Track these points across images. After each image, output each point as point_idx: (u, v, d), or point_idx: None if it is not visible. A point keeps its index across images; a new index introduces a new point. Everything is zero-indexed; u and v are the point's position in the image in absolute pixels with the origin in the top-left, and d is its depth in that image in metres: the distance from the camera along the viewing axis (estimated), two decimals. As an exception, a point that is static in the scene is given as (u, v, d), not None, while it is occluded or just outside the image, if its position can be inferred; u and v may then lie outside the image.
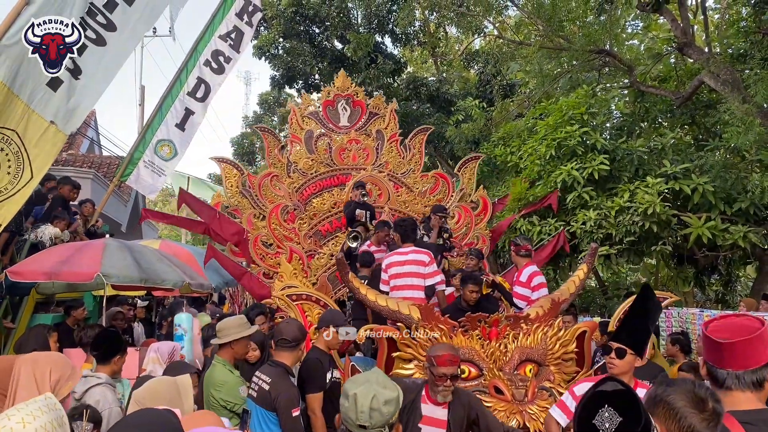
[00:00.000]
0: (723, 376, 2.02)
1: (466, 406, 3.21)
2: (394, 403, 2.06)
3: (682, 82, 11.29)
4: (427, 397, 3.22)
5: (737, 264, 10.58)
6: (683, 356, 5.51)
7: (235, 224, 8.26)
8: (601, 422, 1.52)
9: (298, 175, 8.79)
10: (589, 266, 5.22)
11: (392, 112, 9.59)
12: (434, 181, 9.14)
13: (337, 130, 9.38)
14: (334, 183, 8.73)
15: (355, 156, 8.94)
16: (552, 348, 4.22)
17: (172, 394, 2.72)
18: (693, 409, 1.77)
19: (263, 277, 7.42)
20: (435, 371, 3.13)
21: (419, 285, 5.69)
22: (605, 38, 11.32)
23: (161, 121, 8.61)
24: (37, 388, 2.62)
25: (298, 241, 7.80)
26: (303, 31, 18.77)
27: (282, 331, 3.78)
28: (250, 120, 27.14)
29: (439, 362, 3.11)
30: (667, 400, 1.79)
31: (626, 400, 1.56)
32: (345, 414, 2.06)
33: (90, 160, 16.28)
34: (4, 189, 5.15)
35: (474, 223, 8.50)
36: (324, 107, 9.47)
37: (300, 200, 8.52)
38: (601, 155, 8.92)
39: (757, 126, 7.90)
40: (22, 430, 1.79)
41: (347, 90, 9.57)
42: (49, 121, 5.45)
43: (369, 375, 2.18)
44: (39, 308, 7.01)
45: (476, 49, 20.14)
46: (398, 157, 9.20)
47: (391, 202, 8.40)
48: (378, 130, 9.48)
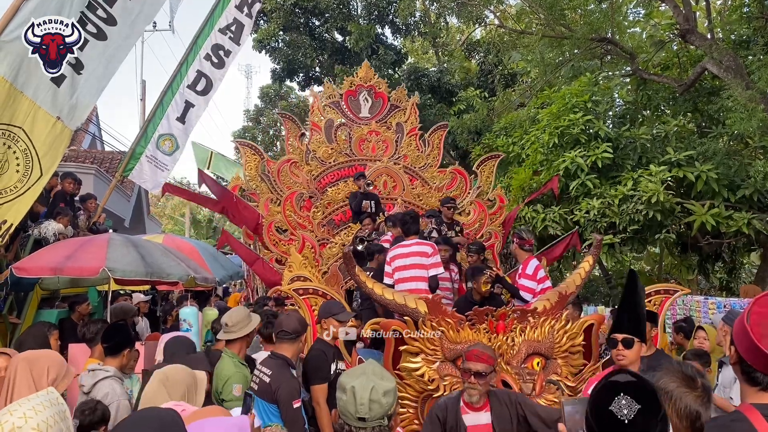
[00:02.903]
0: (759, 378, 1.88)
1: (509, 404, 3.16)
2: (392, 393, 2.05)
3: (685, 69, 11.23)
4: (466, 406, 3.17)
5: (741, 251, 10.57)
6: (687, 343, 5.51)
7: (251, 209, 8.27)
8: (619, 409, 1.50)
9: (317, 163, 8.85)
10: (595, 258, 5.19)
11: (413, 106, 9.62)
12: (451, 177, 9.18)
13: (358, 121, 9.40)
14: (351, 173, 8.76)
15: (375, 147, 9.00)
16: (559, 341, 4.20)
17: (189, 384, 2.77)
18: (685, 388, 1.77)
19: (275, 263, 7.42)
20: (462, 366, 3.16)
21: (422, 276, 5.67)
22: (607, 26, 11.24)
23: (162, 116, 8.60)
24: (35, 386, 2.63)
25: (311, 229, 7.82)
26: (303, 23, 18.72)
27: (282, 323, 3.79)
28: (252, 113, 27.10)
29: (468, 357, 3.14)
30: (659, 385, 1.79)
31: (641, 390, 1.54)
32: (343, 408, 2.04)
33: (92, 155, 16.29)
34: (14, 187, 5.15)
35: (488, 220, 8.51)
36: (345, 97, 9.49)
37: (317, 188, 8.57)
38: (604, 143, 8.90)
39: (761, 112, 7.86)
40: (24, 425, 1.79)
41: (369, 81, 9.58)
42: (55, 116, 5.44)
43: (365, 367, 2.15)
44: (44, 304, 7.03)
45: (477, 38, 20.05)
46: (416, 151, 9.24)
47: (405, 194, 8.44)
48: (398, 122, 9.50)
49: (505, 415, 3.12)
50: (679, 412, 1.75)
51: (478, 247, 6.73)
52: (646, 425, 1.49)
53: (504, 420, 3.10)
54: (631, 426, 1.48)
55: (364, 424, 1.99)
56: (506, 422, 3.10)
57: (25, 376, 2.83)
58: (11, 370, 2.89)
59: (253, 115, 27.01)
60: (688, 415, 1.75)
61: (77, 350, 5.18)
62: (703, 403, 1.76)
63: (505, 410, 3.13)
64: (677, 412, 1.75)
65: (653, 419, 1.50)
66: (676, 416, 1.76)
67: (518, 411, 3.12)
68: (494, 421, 3.11)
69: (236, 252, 7.60)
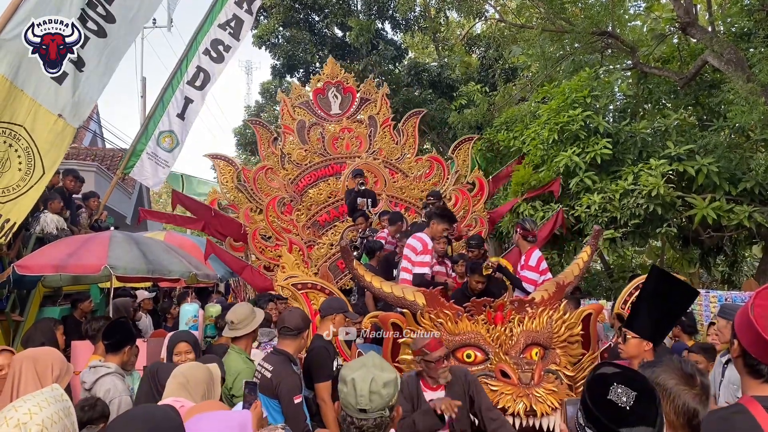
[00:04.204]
0: (764, 371, 1.91)
1: (463, 382, 3.34)
2: (392, 384, 2.05)
3: (686, 62, 11.19)
4: (424, 384, 3.35)
5: (743, 244, 10.55)
6: (688, 337, 5.51)
7: (232, 220, 8.28)
8: (617, 397, 1.51)
9: (293, 166, 8.77)
10: (593, 249, 5.21)
11: (383, 97, 9.54)
12: (429, 165, 9.14)
13: (329, 119, 9.36)
14: (328, 173, 8.74)
15: (349, 144, 8.94)
16: (558, 331, 4.23)
17: (208, 382, 2.80)
18: (684, 386, 1.77)
19: (264, 270, 7.43)
20: (431, 358, 3.25)
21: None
22: (607, 20, 11.21)
23: (163, 113, 8.61)
24: (40, 384, 2.65)
25: (296, 232, 7.80)
26: (303, 19, 18.68)
27: (284, 319, 3.81)
28: (252, 109, 27.08)
29: (431, 348, 3.25)
30: (657, 381, 1.79)
31: (630, 379, 1.56)
32: (344, 400, 2.04)
33: (93, 153, 16.31)
34: (16, 186, 5.16)
35: (471, 205, 8.49)
36: (314, 96, 9.43)
37: (296, 191, 8.51)
38: (604, 139, 8.88)
39: (762, 105, 7.84)
40: (29, 420, 1.80)
41: (337, 77, 9.51)
42: (56, 114, 5.45)
43: (365, 359, 2.16)
44: (46, 301, 7.07)
45: (477, 33, 19.99)
46: (392, 143, 9.19)
47: (388, 189, 8.40)
48: (370, 116, 9.43)
49: (458, 391, 3.28)
50: (677, 410, 1.75)
51: (477, 242, 6.64)
52: (647, 410, 1.50)
53: (457, 396, 3.22)
54: (632, 413, 1.49)
55: (365, 415, 1.99)
56: (459, 398, 3.21)
57: (31, 374, 2.85)
58: (15, 368, 2.91)
59: (253, 112, 26.97)
60: (685, 412, 1.75)
61: (80, 347, 5.21)
62: (701, 401, 1.76)
63: (459, 387, 3.31)
64: (675, 409, 1.76)
65: (652, 404, 1.52)
66: (674, 413, 1.76)
67: (469, 390, 3.31)
68: (449, 397, 3.22)
69: (223, 261, 7.59)
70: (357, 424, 2.01)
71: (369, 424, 2.00)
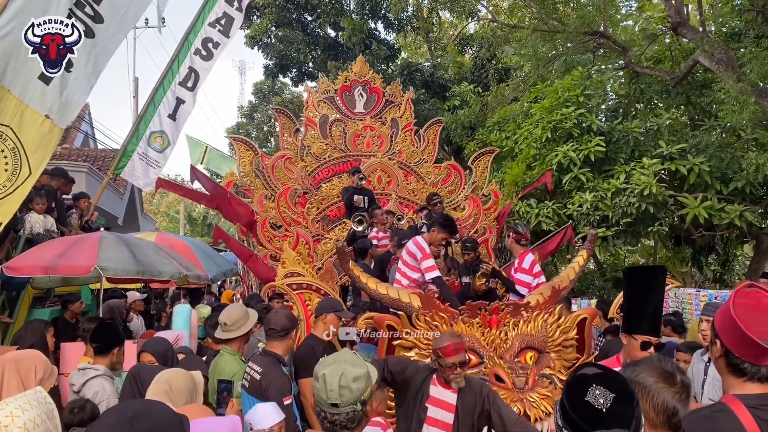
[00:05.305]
0: (747, 369, 1.91)
1: (479, 394, 3.23)
2: (363, 379, 2.08)
3: (677, 62, 11.24)
4: (437, 380, 3.31)
5: (734, 243, 10.61)
6: (677, 336, 5.52)
7: (244, 206, 8.24)
8: (595, 398, 1.51)
9: (311, 158, 8.83)
10: (589, 253, 5.20)
11: (408, 101, 9.60)
12: (446, 173, 9.17)
13: (353, 117, 9.37)
14: (345, 169, 8.75)
15: (369, 143, 8.98)
16: (552, 335, 4.21)
17: (191, 389, 2.77)
18: (663, 384, 1.77)
19: (270, 260, 7.40)
20: (443, 362, 3.18)
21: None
22: (599, 19, 11.25)
23: (154, 113, 8.56)
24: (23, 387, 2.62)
25: (306, 225, 7.79)
26: (295, 19, 18.66)
27: (270, 320, 3.78)
28: (246, 110, 27.04)
29: (446, 353, 3.16)
30: (637, 380, 1.79)
31: (610, 380, 1.56)
32: (317, 395, 2.09)
33: (84, 153, 16.19)
34: (2, 186, 5.11)
35: (482, 215, 8.50)
36: (340, 92, 9.45)
37: (312, 184, 8.56)
38: (597, 137, 8.90)
39: (752, 104, 7.88)
40: (10, 423, 1.80)
41: (364, 76, 9.55)
42: (44, 115, 5.41)
43: (338, 356, 2.20)
44: (36, 303, 6.99)
45: (470, 33, 20.03)
46: (412, 147, 9.22)
47: (400, 190, 8.44)
48: (393, 118, 9.47)
49: (471, 402, 3.21)
50: (656, 407, 1.75)
51: (472, 245, 6.63)
52: (623, 412, 1.51)
53: (468, 406, 3.19)
54: (609, 414, 1.49)
55: (337, 410, 2.04)
56: (470, 409, 3.19)
57: (14, 377, 2.82)
58: (-2, 373, 2.87)
59: (246, 111, 26.95)
60: (664, 410, 1.75)
61: (70, 349, 5.16)
62: (680, 399, 1.76)
63: (473, 398, 3.22)
64: (654, 407, 1.75)
65: (629, 406, 1.52)
66: (653, 411, 1.76)
67: (484, 404, 3.20)
68: (459, 404, 3.21)
69: (230, 248, 7.57)
70: (330, 419, 2.07)
71: (341, 418, 2.05)
